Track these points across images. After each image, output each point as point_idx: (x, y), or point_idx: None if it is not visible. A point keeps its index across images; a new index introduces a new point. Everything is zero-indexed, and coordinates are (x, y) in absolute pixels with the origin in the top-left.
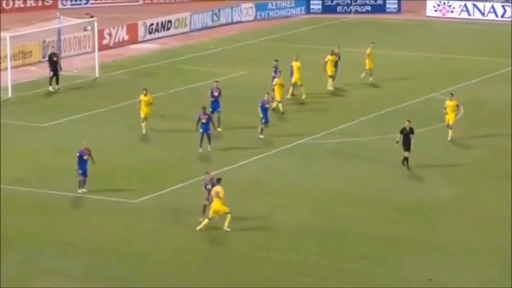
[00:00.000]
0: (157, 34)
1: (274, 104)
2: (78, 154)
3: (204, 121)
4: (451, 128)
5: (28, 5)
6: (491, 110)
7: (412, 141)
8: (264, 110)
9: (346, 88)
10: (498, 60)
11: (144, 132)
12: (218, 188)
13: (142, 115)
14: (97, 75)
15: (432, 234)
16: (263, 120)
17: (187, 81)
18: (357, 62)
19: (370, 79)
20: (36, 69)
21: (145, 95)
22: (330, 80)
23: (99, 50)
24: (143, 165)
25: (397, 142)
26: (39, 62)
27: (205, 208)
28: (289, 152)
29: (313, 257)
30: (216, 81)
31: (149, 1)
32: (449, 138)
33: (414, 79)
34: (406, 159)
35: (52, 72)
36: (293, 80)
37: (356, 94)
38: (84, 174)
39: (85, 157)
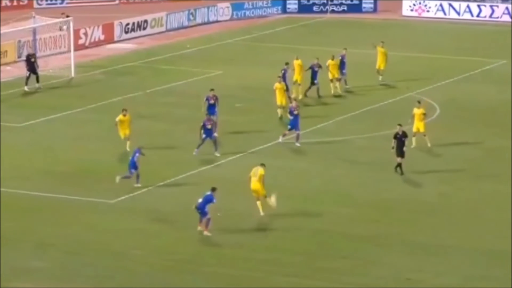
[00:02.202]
0: (133, 34)
1: (280, 112)
2: (136, 153)
3: (209, 127)
4: (424, 135)
5: (3, 4)
6: (469, 109)
7: (405, 146)
8: (293, 116)
9: (322, 87)
10: (474, 60)
11: (128, 149)
12: (259, 169)
13: (122, 136)
14: (73, 74)
15: (414, 233)
16: (289, 126)
17: (163, 80)
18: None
19: (380, 78)
20: (12, 69)
21: (124, 115)
22: (335, 84)
23: (75, 49)
24: (119, 165)
25: (392, 148)
26: (15, 62)
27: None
28: (268, 152)
29: (295, 256)
30: (212, 89)
31: (125, 1)
32: (429, 144)
33: (391, 79)
34: (399, 165)
35: (29, 72)
36: (293, 79)
37: (331, 93)
38: (134, 169)
39: (138, 155)
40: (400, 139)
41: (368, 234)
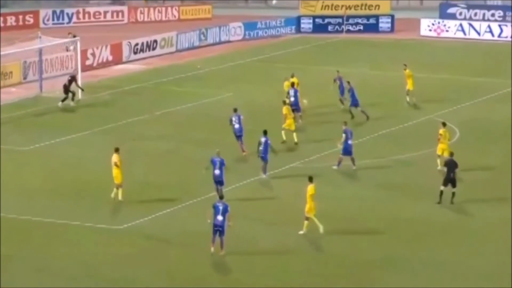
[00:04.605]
0: (142, 54)
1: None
2: (222, 164)
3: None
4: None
5: (8, 24)
6: (490, 132)
7: (456, 176)
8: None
9: (337, 110)
10: (495, 81)
11: (120, 198)
12: (310, 188)
13: (118, 181)
14: (80, 96)
15: (426, 256)
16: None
17: (173, 102)
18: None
19: (409, 99)
20: (17, 91)
21: (118, 154)
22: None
23: (82, 70)
24: (128, 189)
25: (440, 169)
26: (20, 83)
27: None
28: (281, 175)
29: (307, 280)
30: (236, 109)
31: (134, 20)
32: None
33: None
34: (452, 194)
35: (73, 91)
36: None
37: (348, 116)
38: (221, 183)
39: (224, 166)
40: (451, 168)
41: (379, 256)
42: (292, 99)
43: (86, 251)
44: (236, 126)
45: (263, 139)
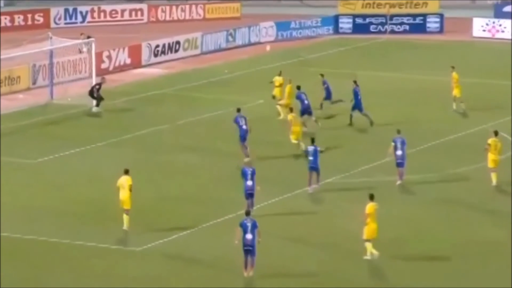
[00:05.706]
0: (163, 57)
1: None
2: (253, 174)
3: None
4: (494, 171)
5: (16, 23)
6: None
7: None
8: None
9: (380, 119)
10: None
11: (125, 227)
12: (369, 207)
13: (127, 206)
14: (94, 103)
15: (486, 284)
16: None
17: (197, 110)
18: (392, 88)
19: (455, 107)
20: (25, 97)
21: (128, 175)
22: (279, 108)
23: (97, 75)
24: (147, 208)
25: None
26: (28, 89)
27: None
28: (318, 191)
29: None
30: (239, 109)
31: (154, 19)
32: (494, 183)
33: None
34: None
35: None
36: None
37: (393, 127)
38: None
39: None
40: None
41: (437, 284)
42: (306, 102)
43: (98, 274)
44: (244, 127)
45: (311, 148)
